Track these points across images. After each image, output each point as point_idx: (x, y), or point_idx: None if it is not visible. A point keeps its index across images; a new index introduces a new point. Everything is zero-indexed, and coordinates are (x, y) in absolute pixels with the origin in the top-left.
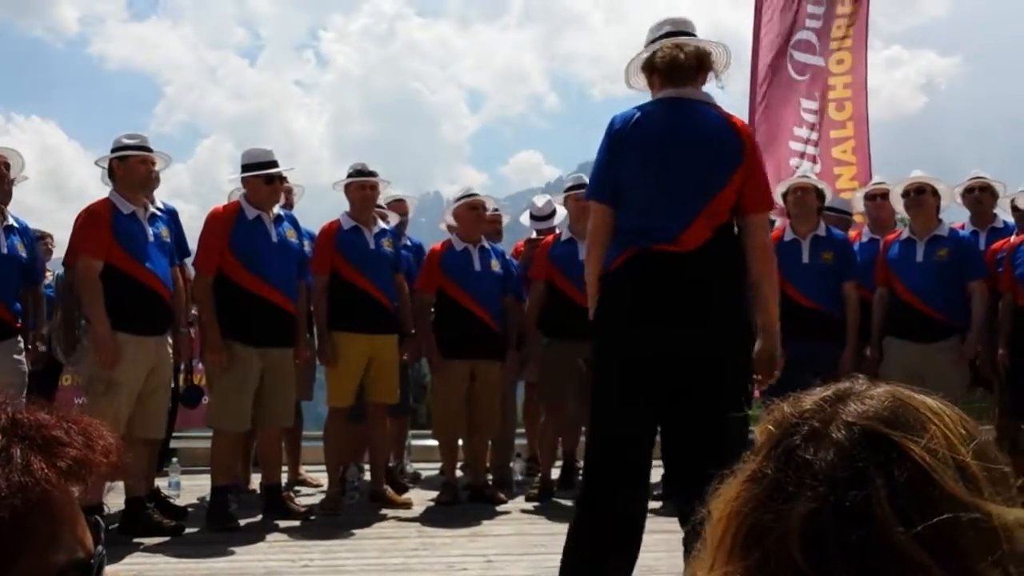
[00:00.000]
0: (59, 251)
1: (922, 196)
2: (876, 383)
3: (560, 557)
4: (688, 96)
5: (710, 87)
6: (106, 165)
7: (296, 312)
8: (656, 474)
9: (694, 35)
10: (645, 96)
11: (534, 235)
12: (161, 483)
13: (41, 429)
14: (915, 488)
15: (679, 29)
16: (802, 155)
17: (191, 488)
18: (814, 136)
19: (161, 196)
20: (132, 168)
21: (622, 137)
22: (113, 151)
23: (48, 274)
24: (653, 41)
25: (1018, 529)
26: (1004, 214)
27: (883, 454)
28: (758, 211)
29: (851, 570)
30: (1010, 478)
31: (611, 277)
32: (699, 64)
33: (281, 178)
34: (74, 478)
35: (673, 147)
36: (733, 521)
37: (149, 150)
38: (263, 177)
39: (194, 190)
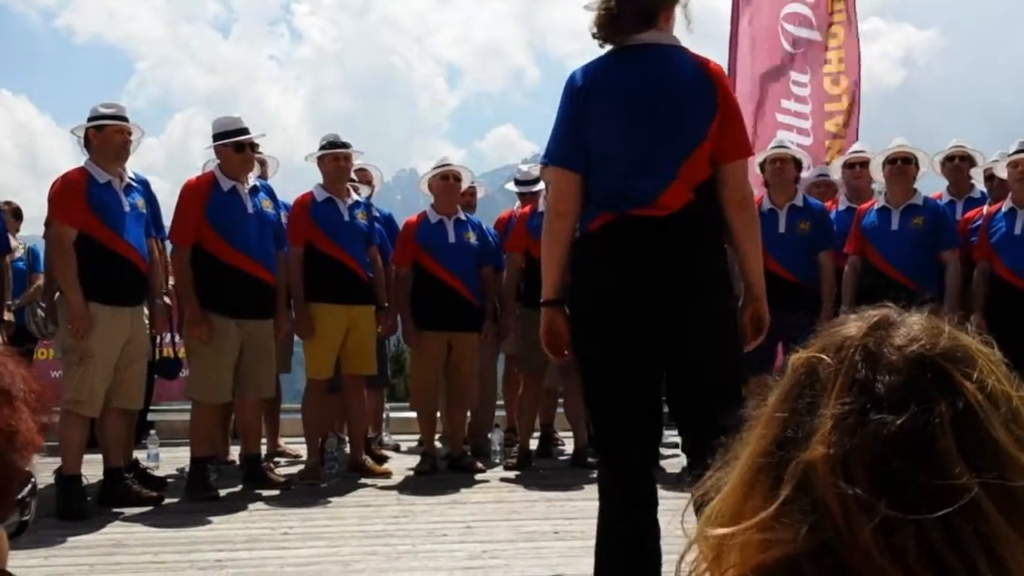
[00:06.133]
0: (28, 227)
1: (907, 166)
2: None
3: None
4: (653, 41)
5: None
6: (82, 134)
7: (275, 283)
8: None
9: None
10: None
11: (517, 204)
12: (140, 455)
13: None
14: (971, 424)
15: None
16: (790, 128)
17: (170, 460)
18: (805, 109)
19: (135, 170)
20: (108, 138)
21: (586, 93)
22: (90, 120)
23: (19, 248)
24: None
25: None
26: (979, 184)
27: (943, 385)
28: (734, 158)
29: (901, 504)
30: None
31: (587, 240)
32: (663, 3)
33: (252, 146)
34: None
35: (643, 100)
36: (770, 457)
37: (126, 120)
38: (233, 145)
39: (168, 166)
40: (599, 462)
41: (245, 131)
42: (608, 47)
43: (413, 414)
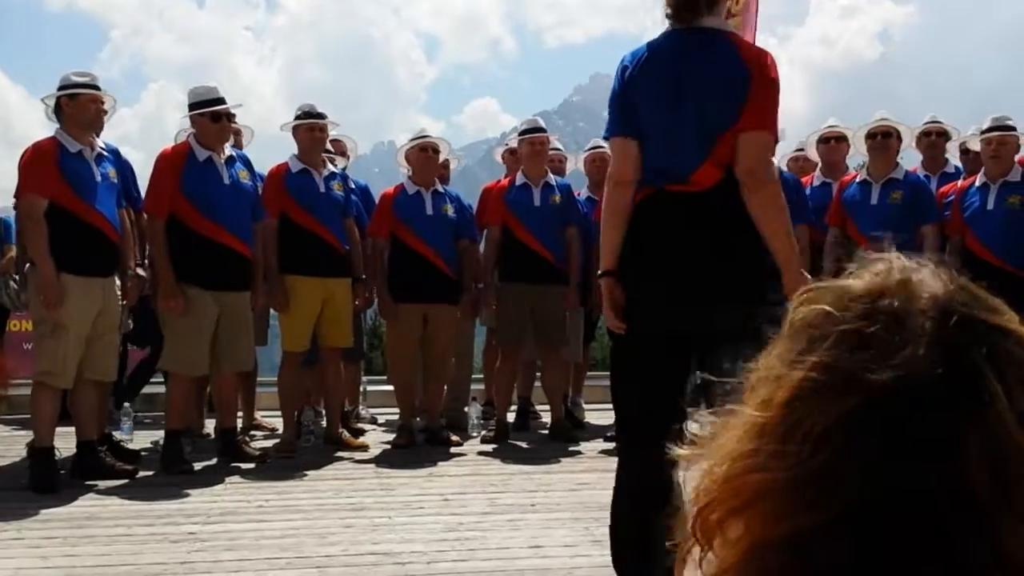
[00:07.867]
0: (1, 199)
1: (889, 140)
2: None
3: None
4: (698, 26)
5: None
6: (52, 102)
7: (252, 255)
8: (608, 417)
9: None
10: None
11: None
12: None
13: None
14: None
15: None
16: None
17: (145, 433)
18: None
19: (106, 140)
20: (82, 106)
21: (634, 74)
22: (62, 88)
23: None
24: None
25: None
26: (954, 159)
27: (981, 339)
28: (747, 129)
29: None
30: None
31: (632, 215)
32: None
33: (229, 116)
34: None
35: (679, 82)
36: (785, 418)
37: (99, 88)
38: (209, 115)
39: (142, 137)
40: (620, 448)
41: (222, 101)
42: (667, 28)
43: (390, 387)
